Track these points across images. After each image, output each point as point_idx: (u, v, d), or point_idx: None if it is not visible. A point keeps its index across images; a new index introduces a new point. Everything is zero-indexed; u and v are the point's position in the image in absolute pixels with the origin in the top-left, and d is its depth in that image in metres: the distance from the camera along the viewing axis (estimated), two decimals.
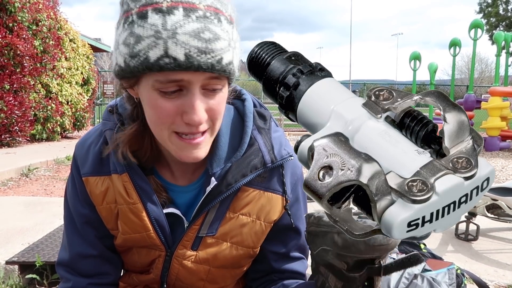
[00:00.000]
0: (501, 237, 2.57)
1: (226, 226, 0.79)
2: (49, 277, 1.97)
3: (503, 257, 2.22)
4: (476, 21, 9.15)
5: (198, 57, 0.59)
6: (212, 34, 0.59)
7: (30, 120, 7.47)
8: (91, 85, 10.46)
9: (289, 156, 0.80)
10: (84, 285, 0.82)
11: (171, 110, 0.63)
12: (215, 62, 0.60)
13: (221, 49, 0.61)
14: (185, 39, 0.58)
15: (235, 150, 0.78)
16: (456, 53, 9.70)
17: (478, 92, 18.92)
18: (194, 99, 0.62)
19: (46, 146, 7.48)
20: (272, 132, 0.82)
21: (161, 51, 0.58)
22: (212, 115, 0.66)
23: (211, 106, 0.65)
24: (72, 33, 9.42)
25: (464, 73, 39.77)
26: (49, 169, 5.39)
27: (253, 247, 0.82)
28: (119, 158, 0.74)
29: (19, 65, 7.10)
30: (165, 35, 0.58)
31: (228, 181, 0.74)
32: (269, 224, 0.81)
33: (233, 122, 0.80)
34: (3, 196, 3.76)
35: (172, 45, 0.58)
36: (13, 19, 7.07)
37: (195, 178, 0.81)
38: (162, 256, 0.81)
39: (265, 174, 0.79)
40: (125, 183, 0.76)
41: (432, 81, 9.54)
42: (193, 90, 0.62)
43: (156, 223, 0.77)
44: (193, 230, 0.78)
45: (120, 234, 0.80)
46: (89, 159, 0.79)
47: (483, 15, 25.42)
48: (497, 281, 1.92)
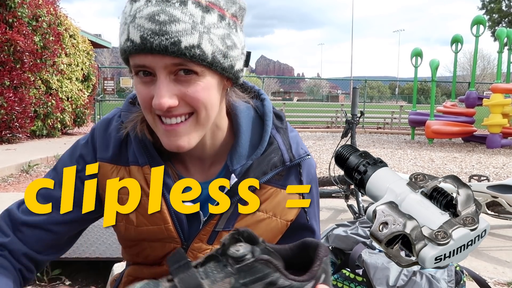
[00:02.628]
0: (501, 235, 2.57)
1: (242, 222, 0.79)
2: (49, 273, 1.98)
3: (503, 255, 2.22)
4: (479, 17, 9.11)
5: (151, 39, 0.60)
6: (168, 16, 0.61)
7: (30, 116, 7.48)
8: (91, 81, 10.45)
9: (306, 155, 0.82)
10: (19, 252, 0.75)
11: (147, 95, 0.66)
12: (169, 44, 0.61)
13: (178, 32, 0.61)
14: (141, 22, 0.61)
15: (255, 148, 0.79)
16: (458, 50, 9.66)
17: (480, 89, 18.87)
18: (158, 83, 0.64)
19: (47, 143, 7.49)
20: (289, 131, 0.84)
21: (126, 36, 0.63)
22: (190, 101, 0.66)
23: (184, 92, 0.65)
24: (72, 29, 9.41)
25: (466, 70, 39.66)
26: (50, 165, 5.40)
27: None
28: (138, 133, 0.76)
29: (19, 61, 7.09)
30: (128, 20, 0.63)
31: (249, 178, 0.75)
32: (285, 222, 0.82)
33: (253, 121, 0.82)
34: (3, 193, 3.77)
35: (132, 29, 0.62)
36: (13, 14, 7.06)
37: (212, 175, 0.81)
38: None
39: (283, 172, 0.80)
40: (147, 175, 0.76)
41: (434, 78, 9.51)
42: (158, 75, 0.64)
43: (175, 216, 0.78)
44: (211, 224, 0.78)
45: (134, 227, 0.79)
46: (110, 145, 0.79)
47: (485, 11, 25.29)
48: (496, 278, 1.91)
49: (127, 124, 0.78)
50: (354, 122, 2.82)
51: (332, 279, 1.57)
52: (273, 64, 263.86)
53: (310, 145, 8.77)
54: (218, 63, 0.65)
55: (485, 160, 6.65)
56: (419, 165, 6.05)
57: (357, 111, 2.86)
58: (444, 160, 6.68)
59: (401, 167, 5.86)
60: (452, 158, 6.94)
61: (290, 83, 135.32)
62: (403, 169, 5.68)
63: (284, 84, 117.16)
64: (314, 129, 14.30)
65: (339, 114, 14.97)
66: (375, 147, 8.69)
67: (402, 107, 15.68)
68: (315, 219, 0.87)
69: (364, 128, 14.03)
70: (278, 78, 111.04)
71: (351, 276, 1.49)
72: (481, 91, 13.96)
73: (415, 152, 7.70)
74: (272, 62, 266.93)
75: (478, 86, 17.26)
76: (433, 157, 7.05)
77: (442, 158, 6.86)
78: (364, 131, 13.40)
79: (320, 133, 12.84)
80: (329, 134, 12.21)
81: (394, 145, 9.08)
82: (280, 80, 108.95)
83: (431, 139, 9.25)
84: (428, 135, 9.12)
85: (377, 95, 59.80)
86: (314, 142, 9.61)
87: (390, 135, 12.49)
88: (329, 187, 3.37)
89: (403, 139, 10.93)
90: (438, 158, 6.85)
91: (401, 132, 13.27)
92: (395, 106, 19.55)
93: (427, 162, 6.44)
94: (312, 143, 9.22)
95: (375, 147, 8.58)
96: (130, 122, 0.77)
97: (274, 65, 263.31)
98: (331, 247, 1.62)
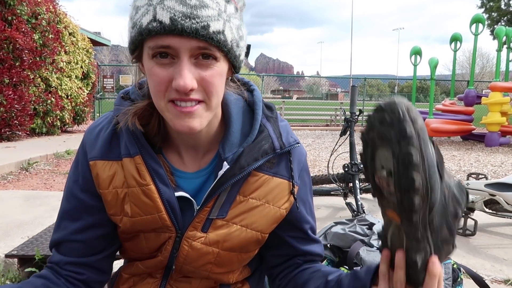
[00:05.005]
0: (499, 232, 2.58)
1: (236, 209, 0.81)
2: None
3: (500, 252, 2.23)
4: (477, 15, 9.11)
5: (182, 21, 0.62)
6: (198, 1, 0.63)
7: (29, 114, 7.47)
8: (91, 79, 10.43)
9: (296, 143, 0.84)
10: (62, 263, 0.82)
11: (164, 77, 0.67)
12: (199, 27, 0.63)
13: (208, 16, 0.63)
14: (171, 4, 0.62)
15: (246, 136, 0.81)
16: (457, 48, 9.66)
17: (479, 87, 18.87)
18: (182, 65, 0.65)
19: (46, 140, 7.49)
20: (279, 121, 0.86)
21: (151, 16, 0.63)
22: (206, 86, 0.68)
23: (203, 76, 0.67)
24: (71, 27, 9.38)
25: (465, 68, 39.63)
26: (49, 163, 5.40)
27: (262, 231, 0.84)
28: (129, 125, 0.77)
29: (18, 59, 7.08)
30: (154, 1, 0.63)
31: (241, 164, 0.78)
32: (277, 208, 0.84)
33: (243, 110, 0.84)
34: (2, 190, 3.78)
35: (160, 10, 0.63)
36: (12, 12, 7.04)
37: (204, 164, 0.83)
38: (172, 238, 0.82)
39: (274, 160, 0.82)
40: (138, 165, 0.78)
41: (433, 76, 9.51)
42: (181, 57, 0.65)
43: (168, 204, 0.79)
44: (204, 212, 0.80)
45: (129, 218, 0.81)
46: (98, 143, 0.81)
47: (484, 10, 25.24)
48: (494, 275, 1.93)
49: (119, 117, 0.79)
50: (353, 120, 2.83)
51: None
52: (272, 62, 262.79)
53: (309, 143, 8.77)
54: (233, 51, 0.69)
55: (483, 158, 6.67)
56: None
57: (356, 109, 2.87)
58: (443, 158, 6.69)
59: None
60: (450, 156, 6.95)
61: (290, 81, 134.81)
62: None
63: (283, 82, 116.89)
64: (313, 127, 14.30)
65: (338, 112, 14.98)
66: None
67: None
68: (308, 204, 0.89)
69: (363, 126, 14.01)
70: (277, 76, 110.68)
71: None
72: (480, 90, 13.98)
73: None
74: (272, 60, 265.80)
75: (477, 85, 17.26)
76: None
77: None
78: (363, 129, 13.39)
79: (319, 131, 12.84)
80: (328, 132, 12.22)
81: None
82: (279, 78, 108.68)
83: (430, 137, 9.24)
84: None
85: (377, 93, 59.74)
86: (313, 140, 9.62)
87: None
88: (328, 185, 3.38)
89: None
90: None
91: None
92: None
93: None
94: (311, 141, 9.23)
95: None
96: (123, 115, 0.78)
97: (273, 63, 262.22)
98: (329, 245, 1.63)
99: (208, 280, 0.88)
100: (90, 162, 0.81)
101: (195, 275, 0.86)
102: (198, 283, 0.88)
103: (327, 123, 15.72)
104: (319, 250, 0.91)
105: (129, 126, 0.77)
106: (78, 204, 0.83)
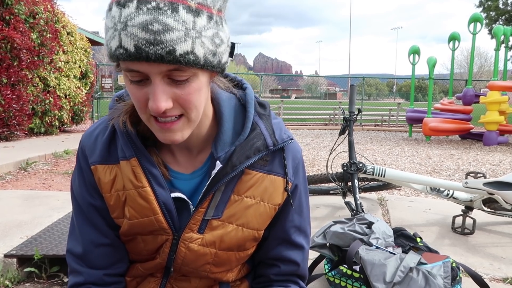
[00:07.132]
0: (498, 231, 2.59)
1: (231, 209, 0.81)
2: (47, 270, 1.98)
3: (499, 251, 2.24)
4: (476, 15, 9.12)
5: (146, 48, 0.60)
6: (162, 26, 0.60)
7: (28, 114, 7.45)
8: (89, 78, 10.41)
9: (289, 140, 0.84)
10: (99, 276, 0.83)
11: (141, 97, 0.67)
12: (164, 53, 0.61)
13: (172, 40, 0.61)
14: (134, 31, 0.60)
15: (238, 134, 0.81)
16: (455, 47, 9.67)
17: (477, 86, 18.89)
18: (154, 88, 0.65)
19: (45, 140, 7.47)
20: (272, 118, 0.85)
21: (117, 42, 0.62)
22: (182, 103, 0.68)
23: (178, 95, 0.66)
24: (69, 26, 9.36)
25: (463, 67, 39.68)
26: (48, 163, 5.39)
27: (258, 229, 0.84)
28: (120, 125, 0.78)
29: (16, 59, 7.06)
30: (119, 27, 0.61)
31: (233, 162, 0.78)
32: (273, 206, 0.84)
33: (235, 109, 0.83)
34: (1, 190, 3.77)
35: (124, 37, 0.61)
36: (9, 11, 7.02)
37: (199, 164, 0.83)
38: (170, 240, 0.83)
39: (267, 157, 0.82)
40: (134, 168, 0.78)
41: (431, 75, 9.52)
42: (153, 79, 0.64)
43: (164, 206, 0.79)
44: (200, 213, 0.80)
45: (127, 221, 0.81)
46: (97, 148, 0.81)
47: (482, 9, 25.26)
48: (492, 274, 1.93)
49: (114, 120, 0.80)
50: (352, 119, 2.83)
51: (329, 275, 1.59)
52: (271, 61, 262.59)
53: (308, 142, 8.78)
54: (209, 63, 0.66)
55: (481, 157, 6.68)
56: (416, 162, 6.07)
57: (355, 108, 2.87)
58: (441, 157, 6.71)
59: (398, 164, 5.88)
60: (449, 155, 6.96)
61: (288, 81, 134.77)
62: (401, 166, 5.70)
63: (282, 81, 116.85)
64: (312, 126, 14.31)
65: (337, 112, 14.99)
66: (373, 144, 8.71)
67: (400, 105, 15.71)
68: (302, 201, 0.89)
69: (362, 126, 14.05)
70: (276, 75, 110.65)
71: (348, 272, 1.51)
72: (478, 89, 13.99)
73: (413, 149, 7.72)
74: (270, 59, 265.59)
75: (475, 84, 17.27)
76: (430, 154, 7.08)
77: (439, 155, 6.88)
78: (362, 128, 13.42)
79: (318, 130, 12.85)
80: (327, 132, 12.23)
81: (391, 142, 9.10)
82: (278, 77, 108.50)
83: (429, 136, 9.27)
84: (425, 133, 9.14)
85: (375, 92, 59.79)
86: (312, 139, 9.62)
87: (387, 132, 12.52)
88: (327, 184, 3.38)
89: (400, 136, 10.95)
90: (435, 155, 6.88)
91: (398, 129, 13.30)
92: (393, 103, 19.56)
93: (425, 159, 6.47)
94: (310, 141, 9.23)
95: (373, 145, 8.60)
96: (117, 118, 0.79)
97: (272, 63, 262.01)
98: (328, 244, 1.64)
99: (207, 278, 0.88)
100: (91, 167, 0.81)
101: (194, 275, 0.87)
102: (198, 282, 0.88)
103: (326, 122, 15.73)
104: (297, 258, 0.89)
105: (122, 126, 0.78)
106: (91, 208, 0.83)
